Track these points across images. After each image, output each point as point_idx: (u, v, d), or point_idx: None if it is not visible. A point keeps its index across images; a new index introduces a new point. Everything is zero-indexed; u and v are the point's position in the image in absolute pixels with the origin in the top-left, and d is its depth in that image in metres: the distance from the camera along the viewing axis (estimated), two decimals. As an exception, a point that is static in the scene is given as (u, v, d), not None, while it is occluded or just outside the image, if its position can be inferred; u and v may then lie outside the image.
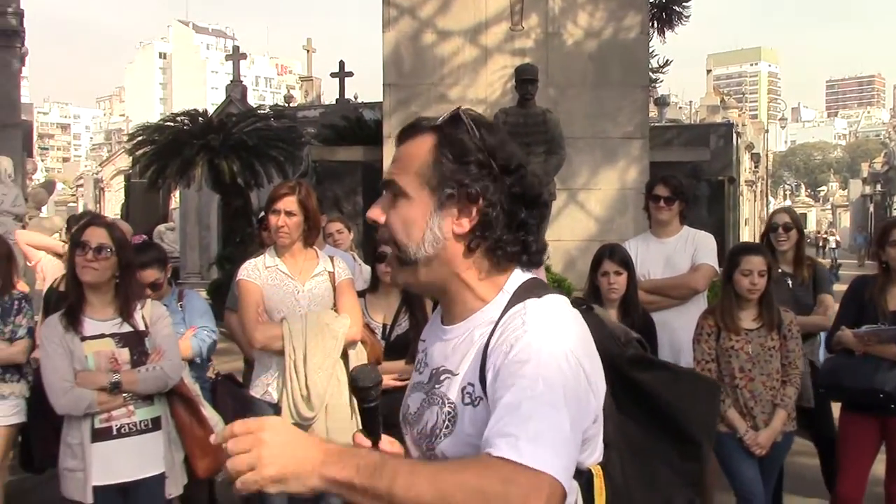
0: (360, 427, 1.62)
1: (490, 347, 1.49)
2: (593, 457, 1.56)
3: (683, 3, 15.20)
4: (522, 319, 1.47)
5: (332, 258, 4.24)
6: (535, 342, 1.43)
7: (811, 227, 58.69)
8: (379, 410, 1.59)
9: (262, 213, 4.47)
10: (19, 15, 14.16)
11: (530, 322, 1.47)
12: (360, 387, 1.56)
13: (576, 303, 1.63)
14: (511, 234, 1.55)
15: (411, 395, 1.69)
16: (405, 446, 1.69)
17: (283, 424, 1.41)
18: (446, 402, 1.55)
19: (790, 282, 5.13)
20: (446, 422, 1.54)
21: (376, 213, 1.59)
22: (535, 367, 1.39)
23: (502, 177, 1.54)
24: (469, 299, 1.58)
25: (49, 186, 19.17)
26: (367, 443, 1.57)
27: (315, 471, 1.34)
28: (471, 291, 1.58)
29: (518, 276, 1.59)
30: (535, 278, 1.61)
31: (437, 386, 1.59)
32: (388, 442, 1.62)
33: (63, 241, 6.87)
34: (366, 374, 1.57)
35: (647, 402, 1.72)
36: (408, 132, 1.60)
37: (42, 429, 3.97)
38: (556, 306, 1.53)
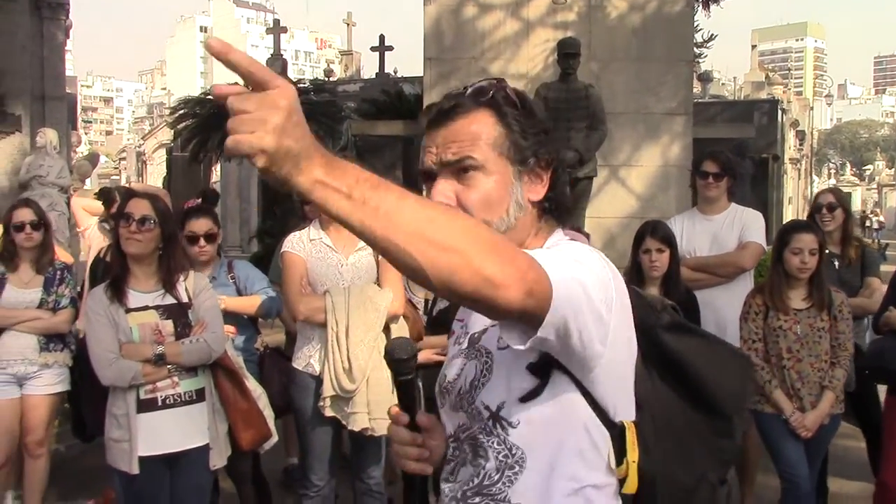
0: (399, 402, 1.61)
1: None
2: (624, 410, 1.56)
3: (730, -23, 14.91)
4: (559, 247, 1.53)
5: None
6: (566, 246, 1.52)
7: (856, 206, 57.63)
8: (416, 384, 1.58)
9: None
10: (64, -12, 14.28)
11: (560, 246, 1.55)
12: (396, 359, 1.56)
13: None
14: (563, 194, 1.62)
15: (450, 365, 1.69)
16: (440, 421, 1.69)
17: (295, 94, 1.19)
18: (484, 352, 1.58)
19: (836, 263, 5.04)
20: (483, 371, 1.57)
21: (446, 196, 1.53)
22: (558, 249, 1.49)
23: (553, 141, 1.61)
24: None
25: (93, 159, 19.38)
26: (404, 418, 1.58)
27: (314, 165, 1.16)
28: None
29: (558, 236, 1.63)
30: (573, 237, 1.64)
31: (475, 344, 1.61)
32: (424, 415, 1.63)
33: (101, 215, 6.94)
34: (401, 346, 1.57)
35: (680, 372, 1.68)
36: (452, 111, 1.56)
37: (92, 397, 4.04)
38: (590, 248, 1.55)
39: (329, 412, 3.96)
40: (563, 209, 1.65)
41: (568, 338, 1.37)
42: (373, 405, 3.92)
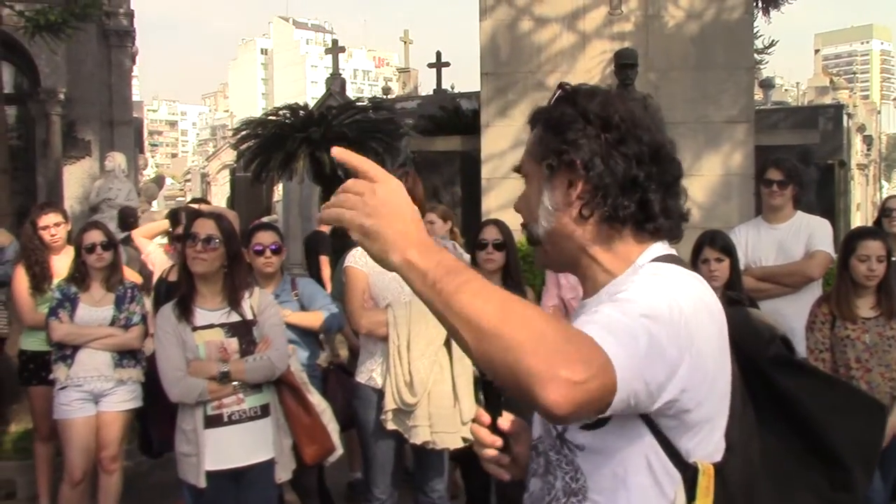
0: (484, 403, 1.61)
1: None
2: (704, 451, 1.42)
3: (789, -19, 14.66)
4: (636, 277, 1.43)
5: (444, 244, 4.27)
6: (640, 287, 1.38)
7: (928, 211, 55.79)
8: (498, 390, 1.58)
9: None
10: (130, 16, 14.73)
11: (641, 275, 1.43)
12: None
13: (725, 297, 1.54)
14: (625, 196, 1.48)
15: None
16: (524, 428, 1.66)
17: (400, 189, 1.37)
18: None
19: None
20: None
21: (516, 202, 1.64)
22: (628, 298, 1.34)
23: (605, 136, 1.48)
24: (598, 273, 1.53)
25: (159, 181, 19.88)
26: (487, 418, 1.57)
27: (403, 248, 1.31)
28: (598, 265, 1.52)
29: (655, 251, 1.51)
30: (671, 254, 1.52)
31: None
32: (507, 420, 1.60)
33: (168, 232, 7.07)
34: None
35: (790, 413, 1.52)
36: (530, 123, 1.62)
37: (159, 414, 4.13)
38: (678, 271, 1.46)
39: (391, 425, 3.98)
40: (648, 218, 1.49)
41: (637, 398, 1.29)
42: (434, 418, 3.94)
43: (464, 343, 1.25)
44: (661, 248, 1.52)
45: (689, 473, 1.41)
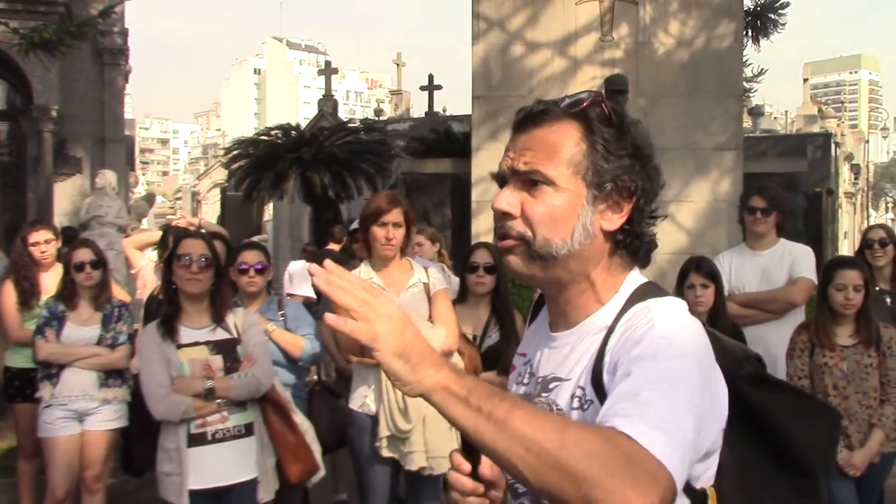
0: (459, 446, 1.48)
1: (609, 348, 1.40)
2: (708, 474, 1.44)
3: (779, 11, 14.79)
4: (649, 317, 1.39)
5: (426, 268, 4.25)
6: (664, 337, 1.34)
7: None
8: None
9: (354, 226, 4.50)
10: (124, 34, 14.78)
11: (658, 318, 1.39)
12: None
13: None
14: (644, 229, 1.49)
15: None
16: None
17: (393, 303, 1.30)
18: (554, 408, 1.47)
19: (888, 299, 4.96)
20: None
21: (509, 204, 1.45)
22: (663, 360, 1.30)
23: (644, 169, 1.47)
24: (589, 301, 1.50)
25: (150, 199, 19.89)
26: (466, 466, 1.44)
27: (433, 367, 1.24)
28: (593, 292, 1.49)
29: (634, 279, 1.51)
30: (651, 283, 1.52)
31: (544, 394, 1.51)
32: (487, 465, 1.45)
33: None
34: None
35: (762, 426, 1.57)
36: (539, 117, 1.47)
37: (142, 433, 4.12)
38: (682, 306, 1.46)
39: (386, 452, 3.94)
40: (639, 246, 1.51)
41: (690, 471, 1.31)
42: (430, 444, 3.91)
43: (517, 471, 1.19)
44: (638, 275, 1.53)
45: (697, 499, 1.41)
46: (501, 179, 1.49)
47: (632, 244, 1.49)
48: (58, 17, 11.05)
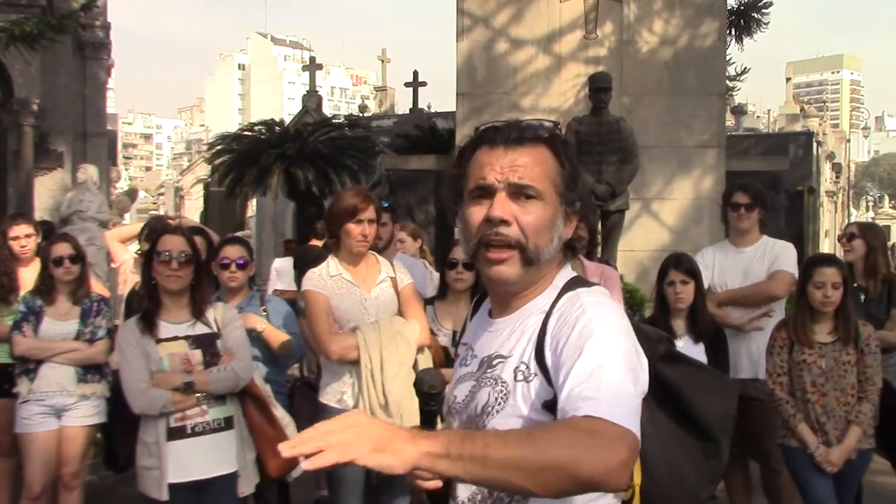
0: (420, 426, 1.68)
1: (549, 329, 1.63)
2: None
3: (762, 10, 14.87)
4: (581, 303, 1.63)
5: (392, 263, 4.26)
6: (596, 320, 1.58)
7: (895, 239, 56.63)
8: (438, 415, 1.61)
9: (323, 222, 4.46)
10: (106, 28, 14.67)
11: (588, 304, 1.62)
12: (426, 392, 1.58)
13: None
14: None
15: (458, 387, 1.78)
16: None
17: (352, 415, 1.43)
18: (499, 382, 1.67)
19: (862, 295, 5.00)
20: (498, 399, 1.66)
21: (508, 213, 1.65)
22: (600, 342, 1.53)
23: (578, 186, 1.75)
24: (532, 293, 1.72)
25: (132, 194, 19.75)
26: None
27: (409, 442, 1.36)
28: (539, 286, 1.72)
29: (566, 272, 1.76)
30: (578, 276, 1.77)
31: (489, 370, 1.71)
32: None
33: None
34: (433, 379, 1.60)
35: (673, 398, 1.85)
36: (521, 137, 1.69)
37: (125, 428, 4.10)
38: (606, 293, 1.71)
39: None
40: (572, 248, 1.80)
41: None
42: None
43: (519, 486, 1.37)
44: (569, 269, 1.78)
45: None
46: (482, 189, 1.67)
47: (571, 247, 1.77)
48: (39, 11, 10.97)
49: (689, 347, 4.30)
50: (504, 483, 1.37)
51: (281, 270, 10.28)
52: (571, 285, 1.71)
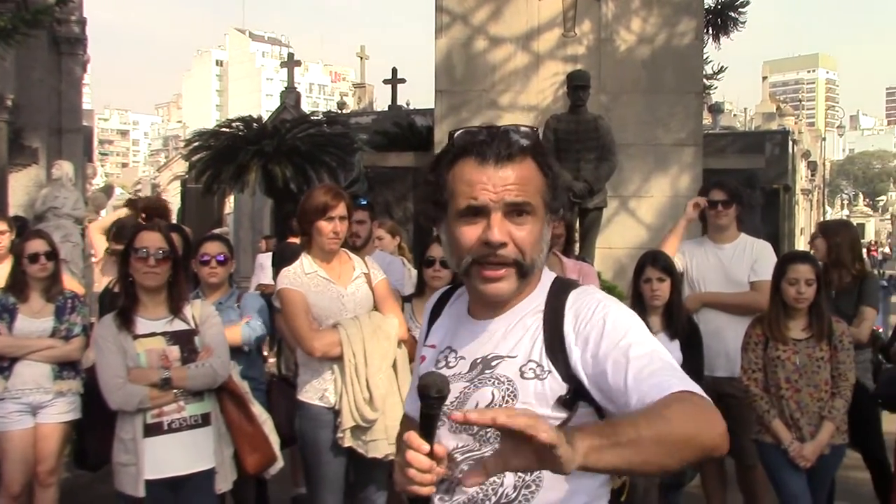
0: (419, 429, 1.57)
1: (566, 328, 1.67)
2: None
3: (739, 10, 14.97)
4: (597, 299, 1.70)
5: (364, 259, 4.27)
6: (621, 314, 1.66)
7: (869, 237, 57.33)
8: (437, 420, 1.57)
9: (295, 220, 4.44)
10: (82, 23, 14.53)
11: (603, 301, 1.69)
12: (432, 396, 1.51)
13: None
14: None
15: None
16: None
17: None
18: (505, 381, 1.68)
19: (834, 292, 5.06)
20: (506, 397, 1.67)
21: (506, 235, 1.66)
22: (636, 333, 1.62)
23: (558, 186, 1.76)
24: (521, 294, 1.74)
25: (108, 191, 19.60)
26: (426, 447, 1.55)
27: (577, 440, 1.34)
28: (528, 289, 1.75)
29: (547, 273, 1.80)
30: (559, 276, 1.82)
31: (486, 371, 1.72)
32: (440, 446, 1.60)
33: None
34: (439, 382, 1.51)
35: None
36: (507, 154, 1.66)
37: (97, 426, 4.06)
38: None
39: (348, 442, 3.92)
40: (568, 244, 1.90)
41: None
42: (391, 430, 3.91)
43: (658, 465, 1.41)
44: (547, 269, 1.81)
45: None
46: (474, 209, 1.66)
47: (569, 245, 1.83)
48: (13, 5, 10.83)
49: (665, 344, 4.31)
50: (647, 465, 1.40)
51: (265, 265, 10.29)
52: (563, 284, 1.77)
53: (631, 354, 1.55)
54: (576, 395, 1.63)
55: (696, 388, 1.48)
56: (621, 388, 1.53)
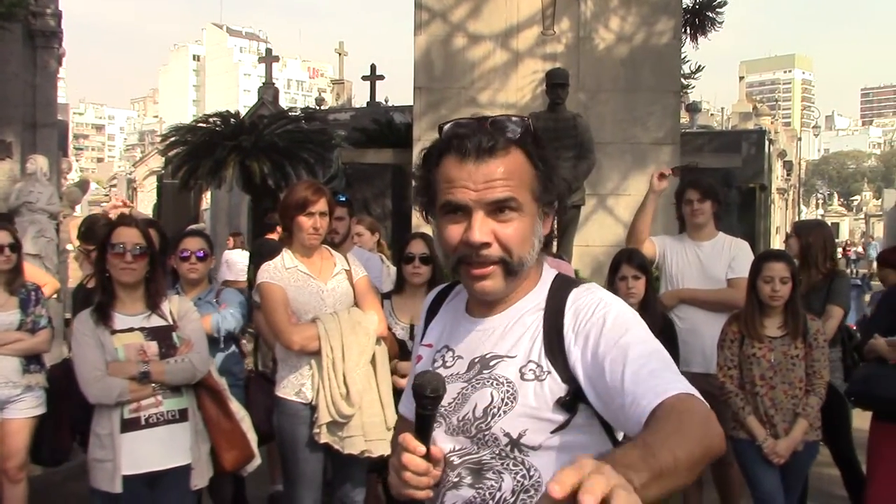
0: (414, 431, 1.55)
1: (566, 327, 1.61)
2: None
3: (717, 10, 15.06)
4: (598, 297, 1.63)
5: (346, 256, 4.26)
6: (622, 313, 1.59)
7: (844, 236, 57.95)
8: (433, 421, 1.55)
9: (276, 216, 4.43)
10: (57, 16, 14.36)
11: (605, 299, 1.63)
12: (428, 395, 1.49)
13: None
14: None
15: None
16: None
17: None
18: (504, 381, 1.62)
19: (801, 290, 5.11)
20: (505, 399, 1.61)
21: (488, 235, 1.59)
22: (637, 332, 1.55)
23: (555, 177, 1.68)
24: (520, 290, 1.69)
25: (83, 186, 19.42)
26: (422, 449, 1.53)
27: (631, 474, 1.21)
28: (524, 286, 1.70)
29: (549, 270, 1.74)
30: (560, 273, 1.75)
31: (485, 371, 1.66)
32: (437, 448, 1.62)
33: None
34: (434, 381, 1.50)
35: None
36: (492, 148, 1.58)
37: (59, 423, 4.02)
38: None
39: (324, 438, 3.91)
40: (550, 241, 1.76)
41: None
42: (367, 427, 3.93)
43: (684, 483, 1.31)
44: (548, 265, 1.75)
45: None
46: (455, 206, 1.60)
47: (549, 241, 1.72)
48: (-13, -3, 10.68)
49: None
50: (675, 486, 1.29)
51: (231, 262, 10.28)
52: (564, 282, 1.71)
53: (630, 354, 1.49)
54: (575, 396, 1.57)
55: (693, 390, 1.43)
56: (618, 387, 1.47)
